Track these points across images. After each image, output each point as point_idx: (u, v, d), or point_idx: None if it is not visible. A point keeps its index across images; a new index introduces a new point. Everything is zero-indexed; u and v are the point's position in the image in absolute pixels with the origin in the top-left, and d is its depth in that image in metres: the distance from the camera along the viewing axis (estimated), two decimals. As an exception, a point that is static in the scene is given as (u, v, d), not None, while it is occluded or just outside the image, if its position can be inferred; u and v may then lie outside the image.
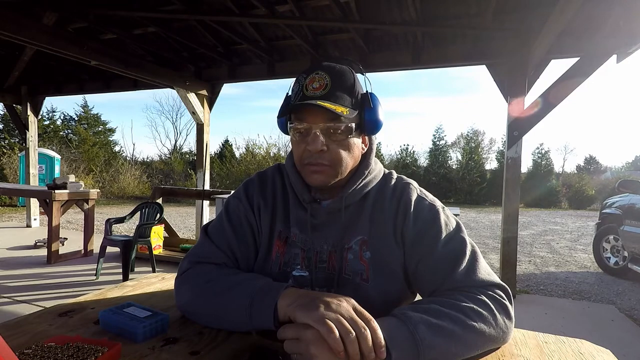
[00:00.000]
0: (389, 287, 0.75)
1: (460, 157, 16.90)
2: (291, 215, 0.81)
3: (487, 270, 0.71)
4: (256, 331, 0.65)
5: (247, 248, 0.81)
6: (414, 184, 0.82)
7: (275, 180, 0.86)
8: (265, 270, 0.80)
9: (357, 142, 0.76)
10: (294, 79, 0.77)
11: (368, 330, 0.52)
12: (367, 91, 0.76)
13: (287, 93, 0.80)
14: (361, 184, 0.78)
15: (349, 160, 0.75)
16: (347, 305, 0.56)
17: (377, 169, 0.82)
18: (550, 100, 3.05)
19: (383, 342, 0.53)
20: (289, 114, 0.76)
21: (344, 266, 0.76)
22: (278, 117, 0.79)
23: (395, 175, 0.84)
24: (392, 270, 0.75)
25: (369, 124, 0.75)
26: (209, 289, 0.71)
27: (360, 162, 0.80)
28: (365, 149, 0.80)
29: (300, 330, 0.54)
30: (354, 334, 0.52)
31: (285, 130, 0.79)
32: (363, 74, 0.79)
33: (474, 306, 0.62)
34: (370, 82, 0.79)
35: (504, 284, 0.70)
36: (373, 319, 0.55)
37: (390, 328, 0.56)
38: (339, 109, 0.69)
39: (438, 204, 0.79)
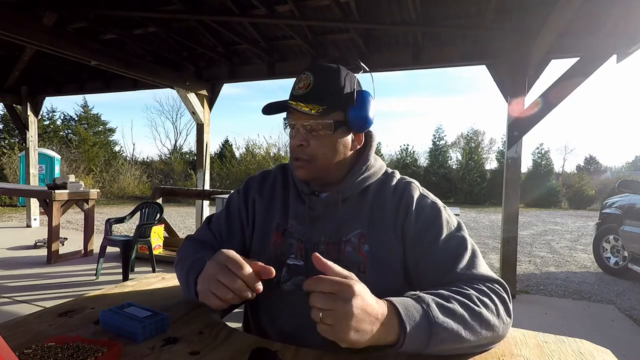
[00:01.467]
0: (386, 280, 0.76)
1: (460, 157, 16.89)
2: (290, 208, 0.85)
3: (486, 268, 0.73)
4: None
5: (233, 235, 0.89)
6: (416, 183, 0.84)
7: (277, 177, 0.91)
8: (261, 260, 0.84)
9: (342, 139, 0.79)
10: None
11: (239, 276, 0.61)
12: (354, 89, 0.78)
13: None
14: (359, 179, 0.81)
15: (330, 156, 0.78)
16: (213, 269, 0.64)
17: (377, 166, 0.84)
18: (550, 100, 3.04)
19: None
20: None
21: (342, 258, 0.77)
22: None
23: (398, 174, 0.86)
24: (390, 265, 0.76)
25: (354, 121, 0.77)
26: (180, 261, 0.82)
27: (357, 158, 0.83)
28: (360, 146, 0.83)
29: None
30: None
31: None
32: (366, 72, 0.82)
33: (479, 295, 0.64)
34: (373, 79, 0.82)
35: (501, 280, 0.71)
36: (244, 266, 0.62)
37: (405, 304, 0.57)
38: (307, 107, 0.73)
39: (440, 203, 0.80)
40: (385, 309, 0.55)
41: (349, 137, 0.80)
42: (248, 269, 0.61)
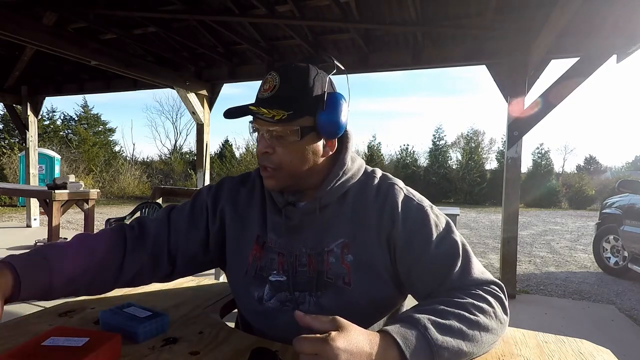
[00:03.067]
0: (373, 290, 0.73)
1: (460, 157, 16.87)
2: (268, 220, 0.80)
3: (481, 269, 0.71)
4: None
5: (194, 230, 0.81)
6: (400, 183, 0.80)
7: (255, 184, 0.85)
8: (239, 274, 0.80)
9: (311, 146, 0.72)
10: None
11: None
12: (324, 91, 0.71)
13: None
14: (337, 184, 0.76)
15: (299, 164, 0.72)
16: None
17: (355, 167, 0.79)
18: (550, 100, 3.04)
19: None
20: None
21: (325, 269, 0.74)
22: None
23: (378, 173, 0.81)
24: (377, 273, 0.73)
25: (324, 126, 0.71)
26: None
27: (334, 162, 0.77)
28: (332, 152, 0.77)
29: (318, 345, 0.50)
30: None
31: None
32: (342, 72, 0.76)
33: (474, 301, 0.63)
34: (348, 79, 0.76)
35: (497, 280, 0.70)
36: None
37: (401, 332, 0.55)
38: (270, 113, 0.67)
39: (426, 203, 0.77)
40: (377, 345, 0.52)
41: (320, 143, 0.73)
42: None
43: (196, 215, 0.83)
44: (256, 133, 0.74)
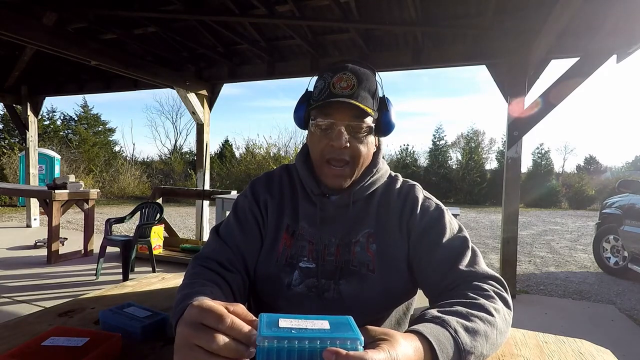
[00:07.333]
0: (393, 278, 0.77)
1: (460, 157, 16.88)
2: (300, 210, 0.84)
3: (485, 266, 0.74)
4: None
5: (254, 240, 0.83)
6: (419, 186, 0.87)
7: (282, 178, 0.89)
8: (269, 262, 0.81)
9: (372, 141, 0.80)
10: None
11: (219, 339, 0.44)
12: (384, 95, 0.81)
13: (307, 89, 0.83)
14: (369, 182, 0.82)
15: (366, 157, 0.79)
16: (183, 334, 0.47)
17: (384, 169, 0.86)
18: (550, 100, 3.04)
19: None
20: (310, 110, 0.78)
21: (351, 258, 0.78)
22: (295, 111, 0.82)
23: (401, 178, 0.89)
24: (397, 263, 0.78)
25: (384, 125, 0.79)
26: (178, 291, 0.67)
27: (368, 161, 0.83)
28: (376, 149, 0.84)
29: None
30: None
31: (301, 125, 0.82)
32: (375, 73, 0.82)
33: (492, 304, 0.63)
34: (382, 81, 0.83)
35: (501, 277, 0.72)
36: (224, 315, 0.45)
37: (435, 334, 0.54)
38: (367, 108, 0.74)
39: (442, 205, 0.83)
40: (417, 349, 0.50)
41: (374, 140, 0.82)
42: (231, 318, 0.44)
43: (246, 225, 0.84)
44: (317, 129, 0.76)
